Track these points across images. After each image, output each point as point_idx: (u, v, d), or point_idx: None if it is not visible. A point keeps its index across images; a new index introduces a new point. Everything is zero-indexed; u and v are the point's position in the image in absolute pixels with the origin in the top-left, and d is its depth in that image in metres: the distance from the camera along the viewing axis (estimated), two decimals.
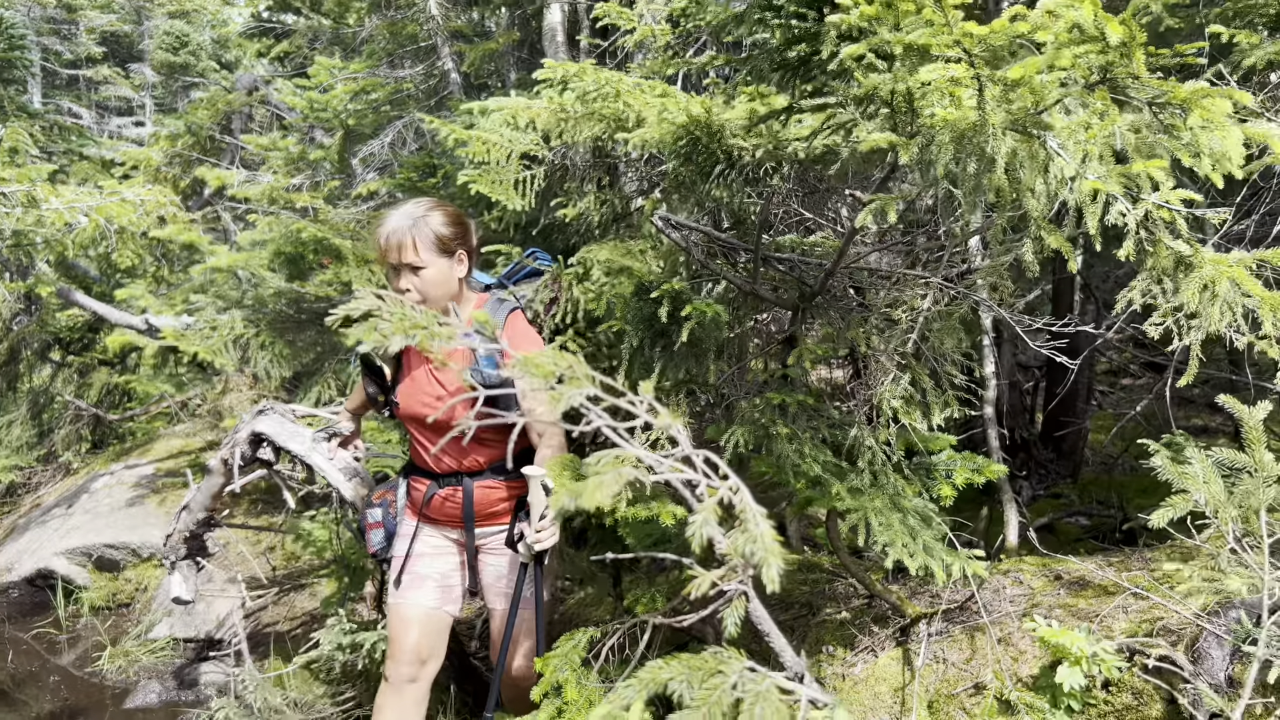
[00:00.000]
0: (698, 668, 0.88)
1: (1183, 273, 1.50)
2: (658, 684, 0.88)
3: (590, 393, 0.77)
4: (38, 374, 8.38)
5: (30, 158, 6.80)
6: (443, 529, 2.84)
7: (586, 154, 4.27)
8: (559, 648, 2.65)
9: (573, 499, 0.77)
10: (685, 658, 0.92)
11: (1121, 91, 1.32)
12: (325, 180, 5.46)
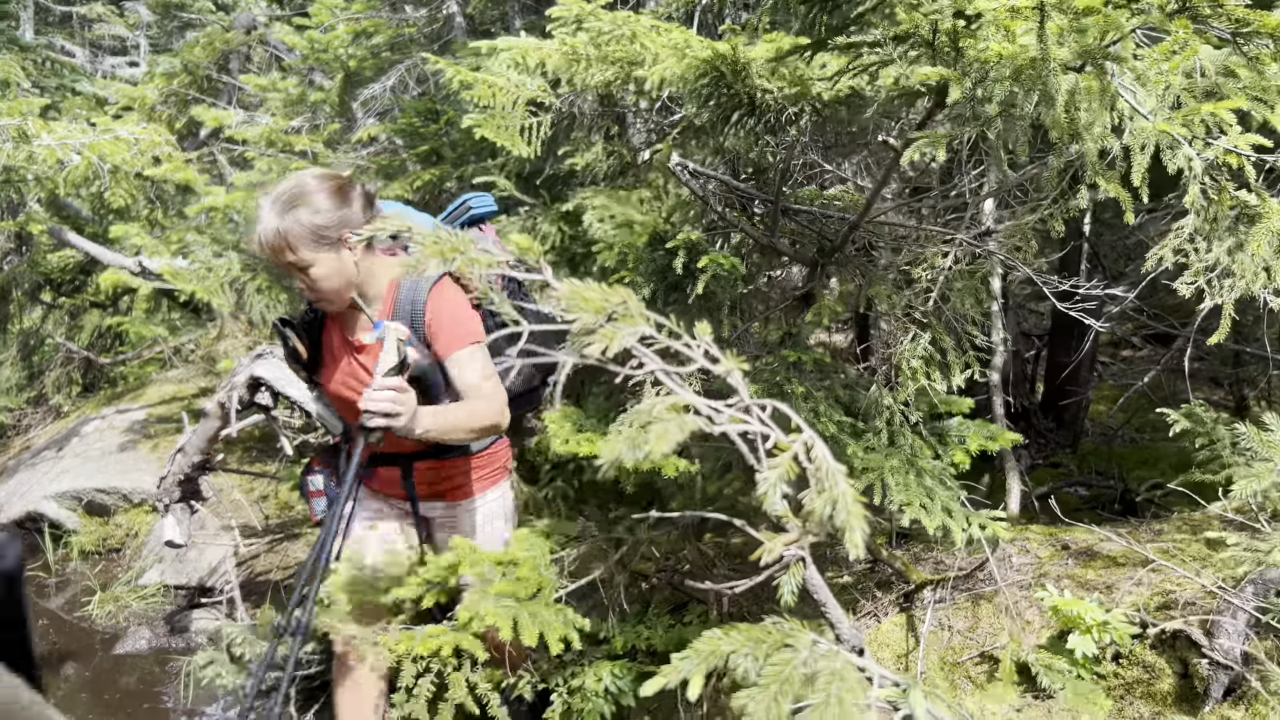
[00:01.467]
0: (761, 640, 0.82)
1: (1244, 225, 1.43)
2: (719, 656, 0.82)
3: (644, 332, 0.70)
4: (28, 315, 8.28)
5: (22, 91, 6.64)
6: (385, 498, 2.74)
7: (595, 102, 4.16)
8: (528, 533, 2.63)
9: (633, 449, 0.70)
10: (745, 628, 0.85)
11: (1202, 21, 1.23)
12: (325, 124, 5.33)
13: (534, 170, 4.36)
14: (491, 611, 2.07)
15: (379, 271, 2.43)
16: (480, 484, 2.70)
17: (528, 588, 2.21)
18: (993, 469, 4.29)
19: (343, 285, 2.36)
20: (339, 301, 2.41)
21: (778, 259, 2.45)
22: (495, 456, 2.73)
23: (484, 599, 2.14)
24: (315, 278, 2.32)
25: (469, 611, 2.10)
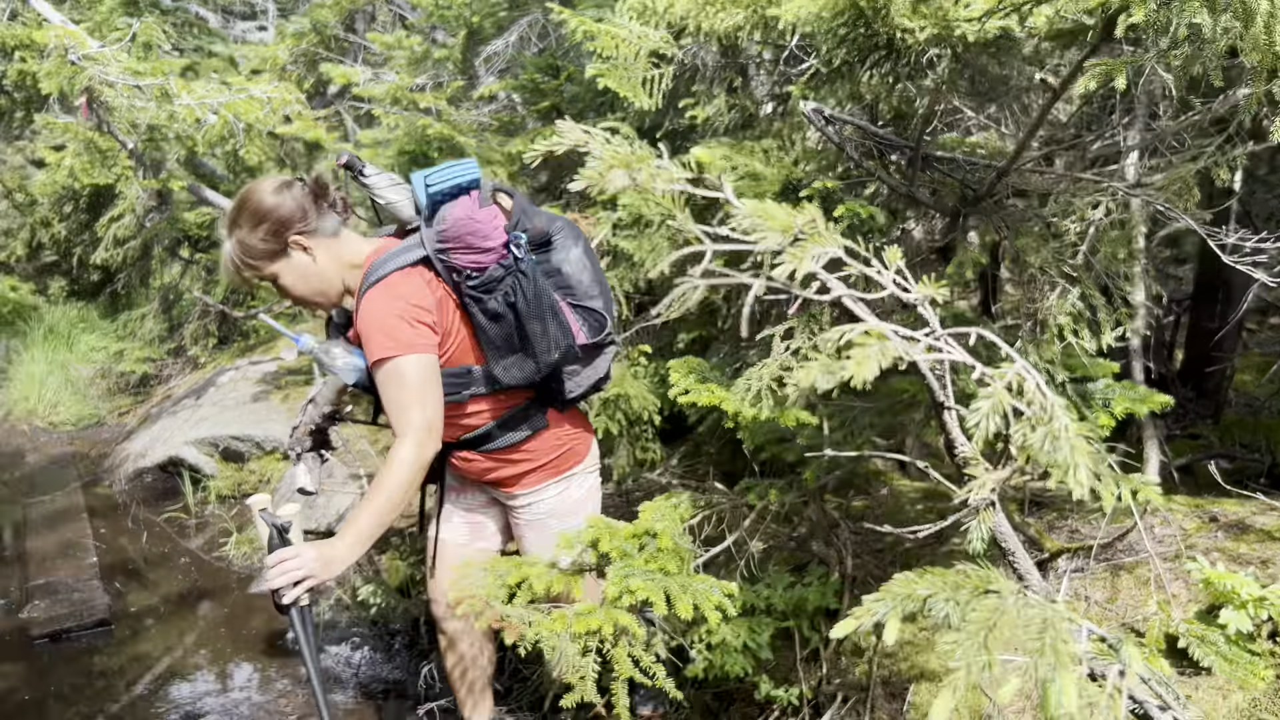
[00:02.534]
0: (959, 585, 0.77)
1: None
2: (914, 600, 0.78)
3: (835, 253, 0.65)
4: (168, 270, 8.70)
5: (163, 53, 6.92)
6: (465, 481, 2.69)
7: (718, 54, 4.09)
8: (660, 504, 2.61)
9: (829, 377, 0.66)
10: (939, 572, 0.81)
11: None
12: (448, 81, 5.39)
13: (654, 124, 4.32)
14: (641, 585, 2.06)
15: (354, 255, 2.29)
16: (531, 478, 2.52)
17: (670, 559, 2.19)
18: (1126, 439, 4.10)
19: (314, 286, 2.29)
20: (324, 302, 2.34)
21: (916, 209, 2.35)
22: (543, 449, 2.50)
23: (631, 573, 2.14)
24: (284, 286, 2.28)
25: (618, 586, 2.10)
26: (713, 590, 2.18)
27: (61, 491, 6.01)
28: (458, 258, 2.19)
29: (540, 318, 2.22)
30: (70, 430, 7.96)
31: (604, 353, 2.47)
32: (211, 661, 3.81)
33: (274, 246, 2.20)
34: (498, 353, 2.28)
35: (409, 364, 2.13)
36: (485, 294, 2.20)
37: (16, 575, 4.69)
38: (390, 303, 2.15)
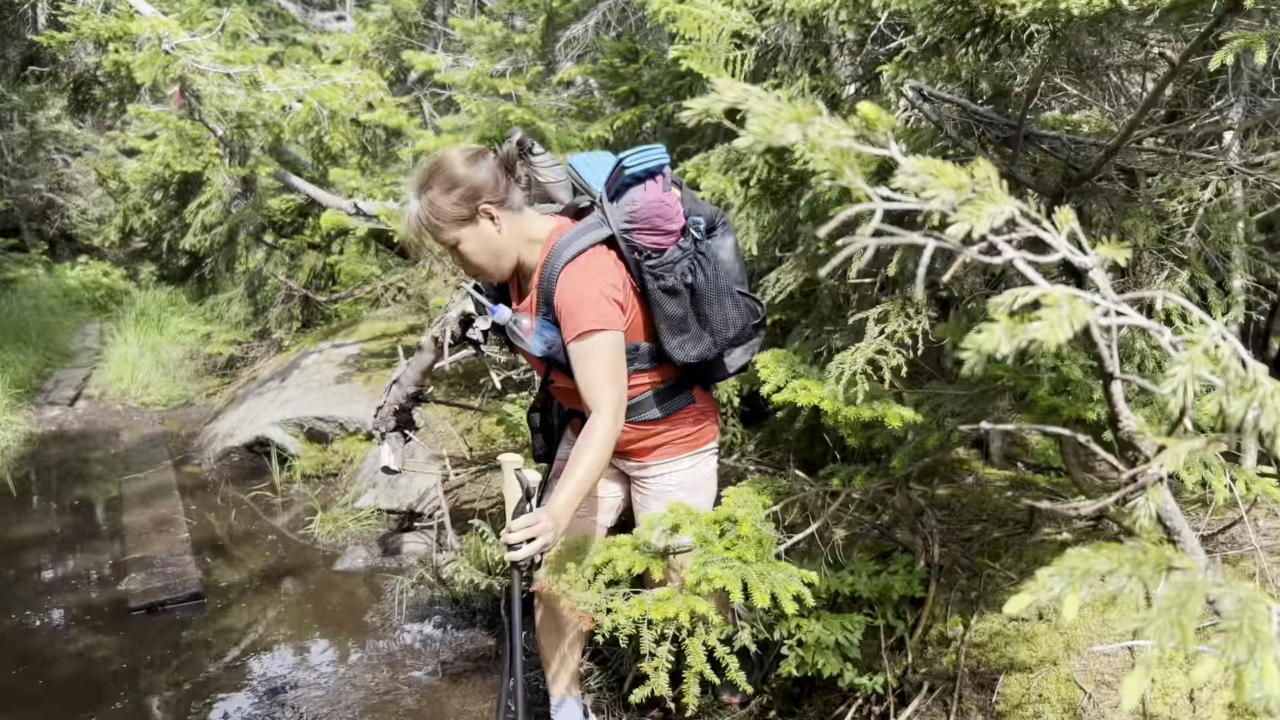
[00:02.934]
0: (1140, 562, 0.74)
1: None
2: (1093, 575, 0.74)
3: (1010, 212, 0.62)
4: (253, 255, 8.91)
5: (250, 41, 7.08)
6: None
7: (801, 34, 4.03)
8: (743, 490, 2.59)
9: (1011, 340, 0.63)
10: (1114, 548, 0.78)
11: None
12: (528, 66, 5.40)
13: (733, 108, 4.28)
14: (719, 573, 2.05)
15: (536, 231, 2.35)
16: (670, 448, 2.57)
17: (750, 546, 2.17)
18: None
19: (492, 258, 2.33)
20: (496, 273, 2.38)
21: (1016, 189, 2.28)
22: (686, 422, 2.56)
23: (709, 560, 2.12)
24: (464, 254, 2.32)
25: (696, 574, 2.09)
26: (791, 579, 2.15)
27: (154, 469, 6.22)
28: (641, 237, 2.26)
29: (719, 298, 2.32)
30: (161, 410, 8.23)
31: (760, 333, 2.58)
32: (295, 636, 3.90)
33: (464, 212, 2.25)
34: (673, 330, 2.33)
35: (606, 340, 2.21)
36: (665, 272, 2.27)
37: (115, 549, 4.87)
38: (590, 279, 2.23)
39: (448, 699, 3.34)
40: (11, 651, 3.78)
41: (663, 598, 2.25)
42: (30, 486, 6.17)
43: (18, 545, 5.00)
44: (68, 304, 13.00)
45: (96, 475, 6.39)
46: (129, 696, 3.41)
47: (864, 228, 0.60)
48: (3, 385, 7.72)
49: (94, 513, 5.62)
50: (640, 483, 2.67)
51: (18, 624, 4.04)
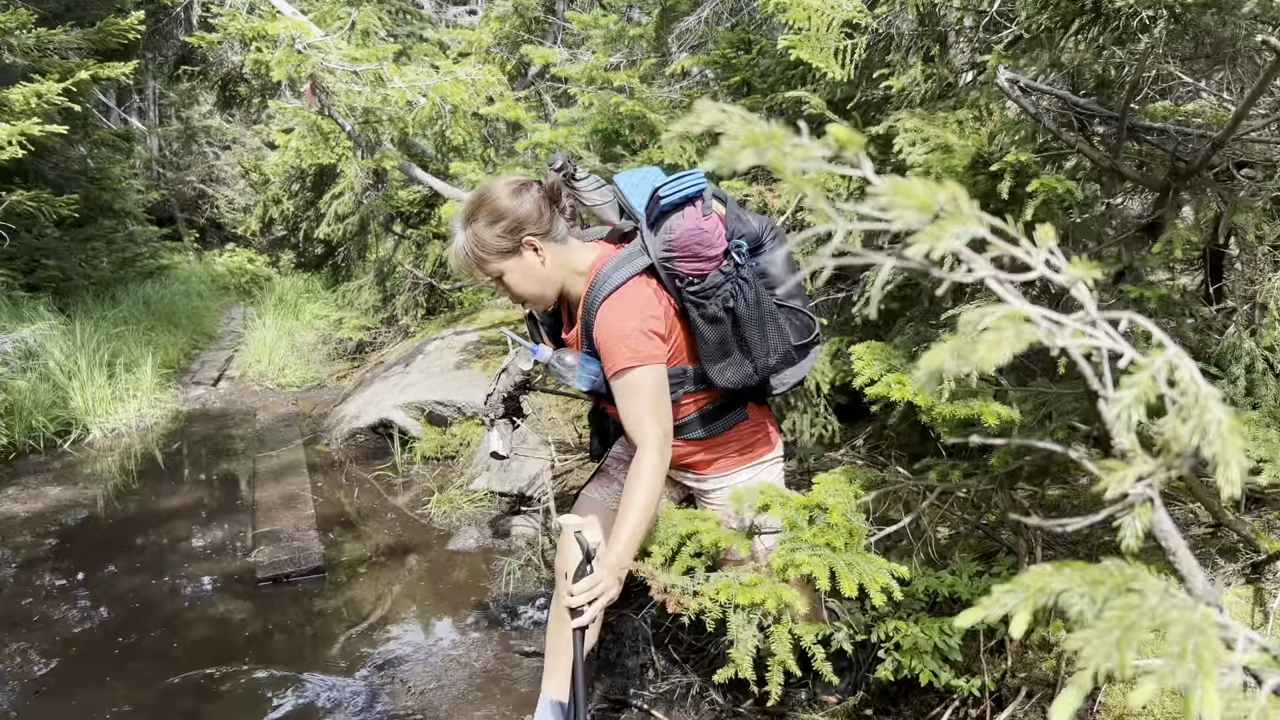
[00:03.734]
0: (1099, 581, 0.74)
1: None
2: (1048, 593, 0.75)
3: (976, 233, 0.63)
4: (382, 244, 9.27)
5: (379, 39, 7.36)
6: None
7: (914, 21, 3.95)
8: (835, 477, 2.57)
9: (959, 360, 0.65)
10: (1079, 566, 0.78)
11: None
12: (641, 59, 5.46)
13: (845, 96, 4.23)
14: (806, 560, 2.05)
15: (579, 263, 2.38)
16: (725, 462, 2.59)
17: (839, 535, 2.16)
18: None
19: (537, 288, 2.36)
20: (541, 303, 2.42)
21: (1120, 184, 2.20)
22: (740, 437, 2.57)
23: (797, 546, 2.13)
24: (508, 285, 2.35)
25: (783, 558, 2.09)
26: (880, 571, 2.13)
27: (286, 448, 6.56)
28: (681, 265, 2.25)
29: (760, 324, 2.29)
30: (295, 391, 8.67)
31: (810, 353, 2.51)
32: (408, 612, 4.08)
33: (508, 245, 2.29)
34: (713, 357, 2.33)
35: (646, 375, 2.21)
36: (705, 299, 2.25)
37: (247, 522, 5.17)
38: (628, 314, 2.23)
39: None
40: (156, 613, 4.08)
41: (750, 583, 2.27)
42: (177, 461, 6.62)
43: (165, 515, 5.37)
44: (214, 289, 13.78)
45: (235, 451, 6.80)
46: (253, 661, 3.63)
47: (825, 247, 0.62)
48: (155, 366, 8.27)
49: (231, 487, 5.98)
50: (702, 496, 2.69)
51: (160, 589, 4.35)
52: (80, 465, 6.41)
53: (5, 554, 4.74)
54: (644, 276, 2.28)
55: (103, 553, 4.76)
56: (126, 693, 3.41)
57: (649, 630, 3.46)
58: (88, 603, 4.17)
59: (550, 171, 2.39)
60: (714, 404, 2.48)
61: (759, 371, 2.32)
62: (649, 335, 2.23)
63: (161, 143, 20.30)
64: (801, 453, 4.01)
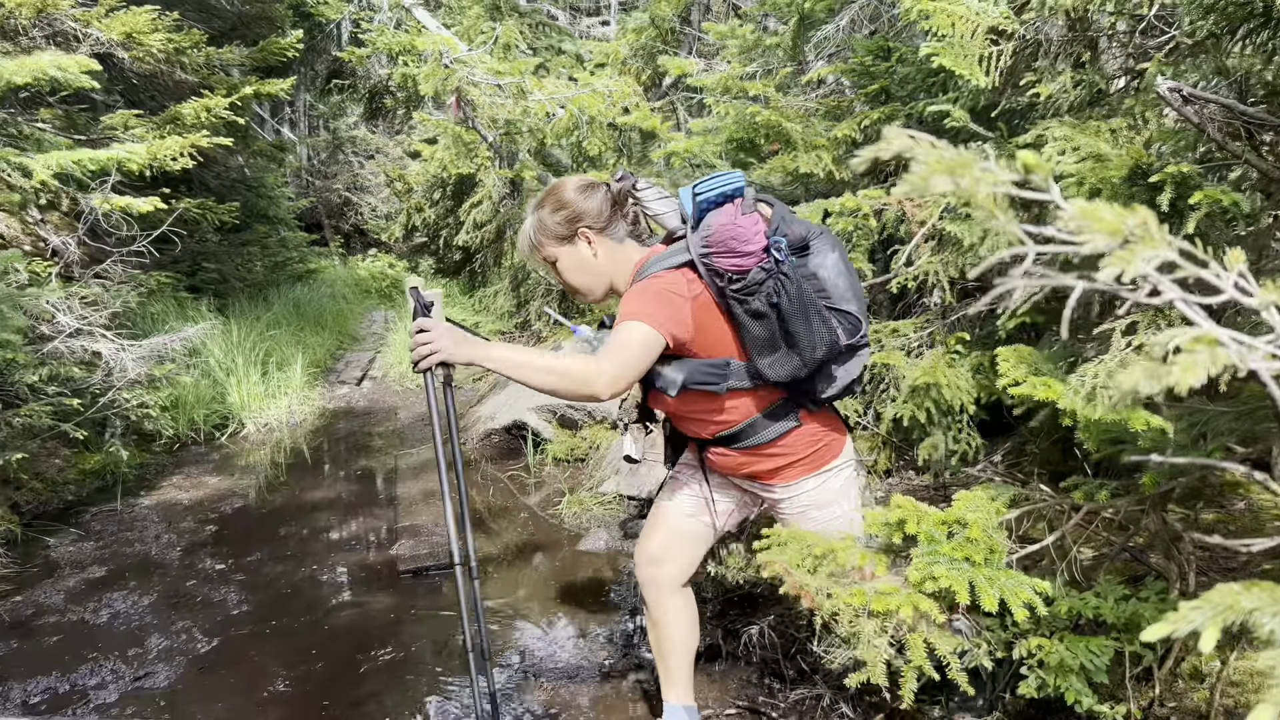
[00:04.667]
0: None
1: None
2: (1237, 612, 0.75)
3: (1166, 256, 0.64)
4: (517, 252, 9.52)
5: (519, 53, 7.58)
6: (724, 476, 2.81)
7: (1064, 27, 3.84)
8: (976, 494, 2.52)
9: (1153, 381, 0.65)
10: (1268, 586, 0.77)
11: None
12: (777, 68, 5.47)
13: (989, 104, 4.14)
14: (945, 573, 2.03)
15: (630, 262, 2.53)
16: (789, 472, 2.60)
17: (979, 550, 2.13)
18: None
19: (587, 279, 2.54)
20: (590, 294, 2.57)
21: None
22: (799, 445, 2.57)
23: (935, 560, 2.11)
24: (560, 270, 2.55)
25: (921, 571, 2.08)
26: (1022, 586, 2.09)
27: (425, 445, 6.82)
28: (720, 261, 2.31)
29: (805, 317, 2.30)
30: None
31: (858, 355, 2.50)
32: (541, 609, 4.18)
33: (565, 232, 2.50)
34: (762, 350, 2.38)
35: (637, 328, 2.27)
36: (748, 295, 2.31)
37: (388, 516, 5.41)
38: (651, 285, 2.35)
39: None
40: (303, 599, 4.31)
41: (885, 590, 2.25)
42: (323, 456, 6.96)
43: (311, 507, 5.66)
44: (358, 293, 14.40)
45: (376, 448, 7.10)
46: (393, 652, 3.80)
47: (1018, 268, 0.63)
48: (304, 365, 8.71)
49: (373, 482, 6.26)
50: (773, 506, 2.73)
51: (307, 576, 4.59)
52: (235, 457, 6.82)
53: (171, 538, 5.09)
54: (682, 269, 2.37)
55: (255, 540, 5.06)
56: (279, 673, 3.62)
57: (776, 639, 3.46)
58: (243, 587, 4.44)
59: (613, 181, 2.56)
60: (766, 409, 2.50)
61: (807, 364, 2.34)
62: (658, 303, 2.30)
63: (310, 152, 21.33)
64: (936, 467, 3.95)
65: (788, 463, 2.57)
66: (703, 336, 2.39)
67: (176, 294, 8.59)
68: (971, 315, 3.94)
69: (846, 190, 4.41)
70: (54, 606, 4.19)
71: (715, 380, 2.42)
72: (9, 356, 4.54)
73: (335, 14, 10.61)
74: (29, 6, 6.38)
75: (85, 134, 7.25)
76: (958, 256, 3.72)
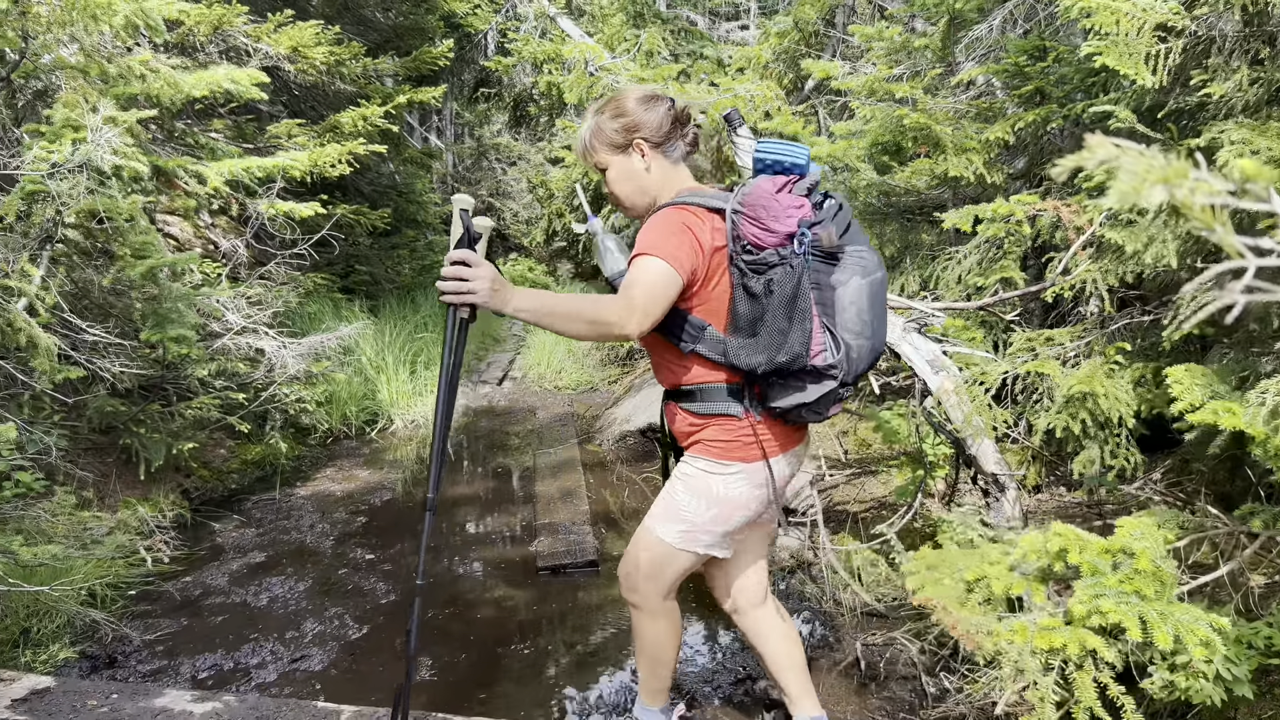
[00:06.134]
0: None
1: None
2: None
3: None
4: None
5: (661, 59, 7.64)
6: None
7: (1240, 22, 3.62)
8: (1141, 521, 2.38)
9: None
10: None
11: None
12: (925, 70, 5.34)
13: (1154, 104, 3.94)
14: (1113, 607, 1.95)
15: (677, 184, 2.47)
16: (698, 446, 2.48)
17: (1148, 582, 2.03)
18: None
19: (633, 190, 2.47)
20: (633, 209, 2.51)
21: None
22: (724, 433, 2.43)
23: (1101, 593, 2.02)
24: (609, 179, 2.48)
25: (1086, 605, 2.00)
26: (1198, 622, 1.97)
27: (563, 445, 6.95)
28: (744, 225, 2.28)
29: (788, 315, 2.23)
30: (570, 393, 9.15)
31: (823, 383, 2.32)
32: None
33: (620, 140, 2.44)
34: (739, 331, 2.33)
35: (658, 266, 2.22)
36: (754, 272, 2.26)
37: (526, 513, 5.53)
38: (675, 217, 2.29)
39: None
40: (445, 591, 4.46)
41: (1048, 626, 2.16)
42: (464, 453, 7.18)
43: (452, 503, 5.85)
44: None
45: (515, 447, 7.28)
46: (531, 646, 3.89)
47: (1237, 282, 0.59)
48: None
49: (511, 479, 6.41)
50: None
51: (448, 570, 4.74)
52: (384, 452, 7.11)
53: (325, 527, 5.35)
54: (715, 214, 2.33)
55: (401, 532, 5.26)
56: (422, 662, 3.75)
57: (917, 655, 3.38)
58: (389, 577, 4.62)
59: (713, 116, 2.50)
60: (712, 385, 2.42)
61: (769, 363, 2.25)
62: (681, 241, 2.24)
63: (455, 159, 22.05)
64: (1091, 484, 3.78)
65: (705, 439, 2.47)
66: (705, 290, 2.34)
67: (332, 295, 9.02)
68: (1132, 325, 3.75)
69: (998, 195, 4.28)
70: (219, 588, 4.46)
71: (689, 339, 2.38)
72: (184, 352, 4.86)
73: (483, 24, 10.93)
74: (207, 24, 6.82)
75: (253, 143, 7.70)
76: (1118, 264, 3.56)
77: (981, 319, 4.48)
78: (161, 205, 6.50)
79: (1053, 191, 4.30)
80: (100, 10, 4.41)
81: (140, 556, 4.60)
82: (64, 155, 4.17)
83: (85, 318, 4.74)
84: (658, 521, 2.53)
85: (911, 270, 5.05)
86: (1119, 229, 3.44)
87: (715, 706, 3.38)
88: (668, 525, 2.50)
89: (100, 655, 3.74)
